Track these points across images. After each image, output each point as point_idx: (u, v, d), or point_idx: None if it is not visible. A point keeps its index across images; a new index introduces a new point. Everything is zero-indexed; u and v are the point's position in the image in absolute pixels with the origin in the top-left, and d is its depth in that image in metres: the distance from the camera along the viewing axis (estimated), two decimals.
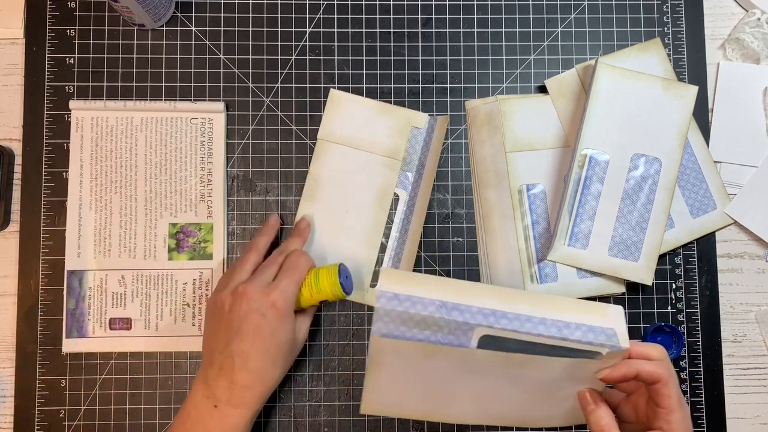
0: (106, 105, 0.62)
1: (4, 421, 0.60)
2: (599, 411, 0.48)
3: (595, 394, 0.49)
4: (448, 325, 0.46)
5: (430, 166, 0.62)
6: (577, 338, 0.46)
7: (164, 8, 0.62)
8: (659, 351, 0.48)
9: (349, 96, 0.63)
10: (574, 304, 0.48)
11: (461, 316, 0.46)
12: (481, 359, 0.47)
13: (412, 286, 0.47)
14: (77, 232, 0.61)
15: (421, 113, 0.63)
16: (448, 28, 0.65)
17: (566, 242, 0.60)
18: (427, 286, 0.47)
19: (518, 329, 0.46)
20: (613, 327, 0.47)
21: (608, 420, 0.47)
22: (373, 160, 0.62)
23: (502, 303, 0.47)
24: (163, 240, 0.61)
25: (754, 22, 0.65)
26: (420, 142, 0.63)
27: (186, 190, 0.62)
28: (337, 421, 0.61)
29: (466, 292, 0.47)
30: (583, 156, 0.60)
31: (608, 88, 0.61)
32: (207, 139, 0.62)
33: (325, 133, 0.63)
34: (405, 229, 0.62)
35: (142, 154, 0.62)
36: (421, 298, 0.46)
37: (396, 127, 0.63)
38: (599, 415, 0.47)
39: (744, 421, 0.63)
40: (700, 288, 0.63)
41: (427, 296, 0.46)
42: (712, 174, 0.64)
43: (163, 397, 0.60)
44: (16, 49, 0.63)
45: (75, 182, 0.61)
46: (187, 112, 0.62)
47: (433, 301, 0.46)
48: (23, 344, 0.60)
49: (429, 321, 0.46)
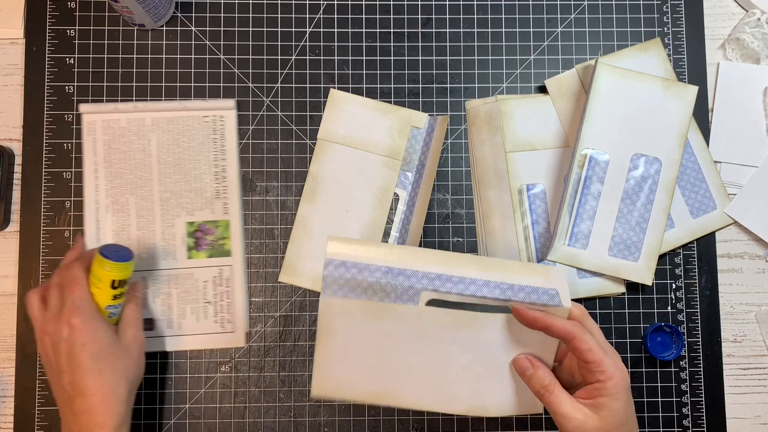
0: (117, 107, 0.62)
1: (4, 421, 0.60)
2: (538, 372, 0.48)
3: (533, 358, 0.49)
4: (394, 290, 0.47)
5: (430, 166, 0.62)
6: (520, 299, 0.48)
7: (164, 8, 0.62)
8: (578, 308, 0.49)
9: (349, 96, 0.63)
10: (518, 266, 0.49)
11: (407, 281, 0.47)
12: (429, 320, 0.48)
13: (359, 253, 0.48)
14: (95, 235, 0.61)
15: (421, 113, 0.63)
16: (448, 28, 0.65)
17: (566, 242, 0.60)
18: (374, 253, 0.48)
19: (463, 291, 0.47)
20: (555, 287, 0.48)
21: (549, 380, 0.48)
22: (373, 159, 0.62)
23: (448, 267, 0.48)
24: (182, 239, 0.61)
25: (754, 22, 0.65)
26: (420, 142, 0.63)
27: (201, 189, 0.62)
28: (337, 421, 0.61)
29: (412, 257, 0.48)
30: (583, 156, 0.60)
31: (608, 88, 0.61)
32: (219, 137, 0.62)
33: (325, 133, 0.63)
34: (405, 229, 0.62)
35: (156, 155, 0.62)
36: (368, 265, 0.48)
37: (396, 126, 0.63)
38: (539, 376, 0.48)
39: (744, 421, 0.63)
40: (700, 288, 0.63)
41: (374, 263, 0.48)
42: (712, 174, 0.64)
43: (163, 397, 0.60)
44: (16, 49, 0.63)
45: (90, 186, 0.61)
46: (199, 111, 0.62)
47: (379, 267, 0.48)
48: (23, 344, 0.60)
49: (376, 287, 0.47)
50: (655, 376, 0.62)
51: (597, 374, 0.46)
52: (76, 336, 0.50)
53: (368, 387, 0.50)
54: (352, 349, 0.49)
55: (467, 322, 0.49)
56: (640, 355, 0.62)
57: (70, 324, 0.50)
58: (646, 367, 0.62)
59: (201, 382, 0.61)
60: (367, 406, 0.61)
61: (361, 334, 0.49)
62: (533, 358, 0.50)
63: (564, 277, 0.49)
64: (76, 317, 0.51)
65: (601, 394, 0.46)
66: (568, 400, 0.47)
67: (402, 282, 0.47)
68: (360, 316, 0.48)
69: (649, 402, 0.62)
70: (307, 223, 0.62)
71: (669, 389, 0.62)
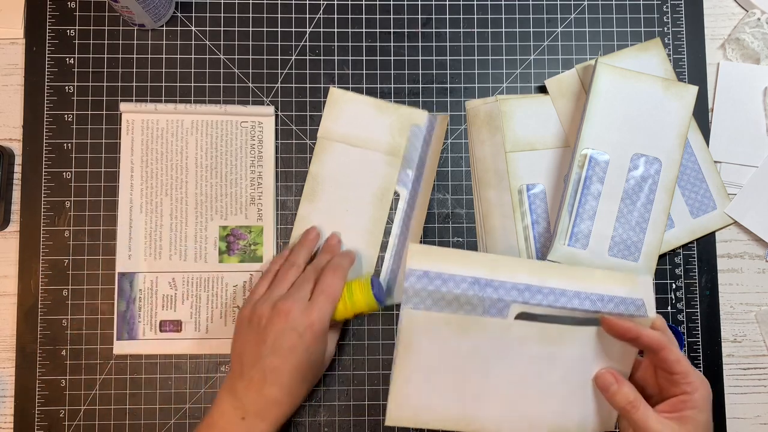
0: (157, 108, 0.62)
1: (4, 421, 0.60)
2: (624, 388, 0.47)
3: (615, 373, 0.48)
4: (482, 303, 0.44)
5: (431, 164, 0.62)
6: (609, 310, 0.46)
7: (164, 8, 0.62)
8: (660, 319, 0.48)
9: (349, 94, 0.63)
10: (603, 275, 0.47)
11: (495, 293, 0.44)
12: (516, 335, 0.45)
13: (442, 262, 0.44)
14: (128, 234, 0.61)
15: (422, 111, 0.63)
16: (448, 28, 0.65)
17: (566, 242, 0.60)
18: (457, 262, 0.44)
19: (553, 304, 0.45)
20: (642, 297, 0.46)
21: (634, 396, 0.46)
22: (374, 157, 0.62)
23: (535, 277, 0.45)
24: (214, 243, 0.61)
25: (754, 22, 0.65)
26: (420, 140, 0.63)
27: (236, 193, 0.62)
28: (337, 421, 0.61)
29: (498, 266, 0.45)
30: (583, 156, 0.60)
31: (608, 88, 0.61)
32: (257, 143, 0.62)
33: (325, 132, 0.63)
34: (406, 227, 0.62)
35: (193, 157, 0.62)
36: (453, 275, 0.44)
37: (396, 124, 0.63)
38: (624, 392, 0.47)
39: (744, 421, 0.63)
40: (700, 288, 0.63)
41: (459, 273, 0.44)
42: (712, 174, 0.64)
43: (163, 397, 0.60)
44: (16, 49, 0.63)
45: (125, 184, 0.61)
46: (238, 116, 0.62)
47: (465, 278, 0.44)
48: (23, 344, 0.60)
49: (462, 300, 0.44)
50: None
51: (683, 386, 0.45)
52: (308, 339, 0.51)
53: (448, 411, 0.47)
54: (433, 367, 0.46)
55: (555, 337, 0.46)
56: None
57: (312, 327, 0.51)
58: None
59: (201, 382, 0.61)
60: (367, 407, 0.61)
61: (444, 350, 0.45)
62: (616, 373, 0.48)
63: (650, 286, 0.47)
64: (318, 323, 0.51)
65: (687, 407, 0.45)
66: (654, 416, 0.45)
67: (490, 294, 0.44)
68: (445, 330, 0.45)
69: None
70: (308, 223, 0.62)
71: None
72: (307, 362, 0.51)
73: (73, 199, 0.62)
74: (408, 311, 0.44)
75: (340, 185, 0.62)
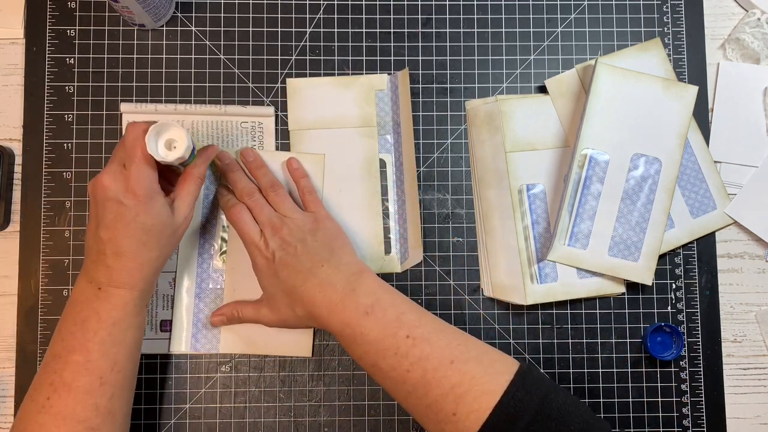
0: (157, 108, 0.62)
1: (4, 421, 0.60)
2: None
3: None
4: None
5: (406, 123, 0.62)
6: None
7: (164, 8, 0.62)
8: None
9: (306, 80, 0.63)
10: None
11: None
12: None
13: None
14: None
15: (380, 75, 0.63)
16: (448, 28, 0.65)
17: (566, 242, 0.60)
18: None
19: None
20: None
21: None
22: (349, 133, 0.63)
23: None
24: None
25: (754, 22, 0.65)
26: (388, 103, 0.63)
27: None
28: (337, 421, 0.61)
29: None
30: (583, 156, 0.60)
31: (608, 88, 0.61)
32: (258, 143, 0.62)
33: (294, 124, 0.63)
34: (401, 190, 0.62)
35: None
36: None
37: (361, 95, 0.63)
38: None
39: (744, 421, 0.63)
40: (700, 288, 0.63)
41: None
42: (712, 174, 0.64)
43: (163, 397, 0.60)
44: (16, 49, 0.63)
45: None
46: (238, 116, 0.62)
47: None
48: (23, 344, 0.60)
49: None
50: (655, 376, 0.62)
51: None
52: (132, 204, 0.51)
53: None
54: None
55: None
56: (640, 355, 0.62)
57: (133, 191, 0.51)
58: (646, 367, 0.62)
59: (201, 382, 0.61)
60: (367, 407, 0.61)
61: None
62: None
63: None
64: (138, 187, 0.51)
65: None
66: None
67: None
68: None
69: (649, 402, 0.62)
70: None
71: (669, 389, 0.62)
72: (141, 229, 0.51)
73: (73, 199, 0.62)
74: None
75: (326, 169, 0.62)
